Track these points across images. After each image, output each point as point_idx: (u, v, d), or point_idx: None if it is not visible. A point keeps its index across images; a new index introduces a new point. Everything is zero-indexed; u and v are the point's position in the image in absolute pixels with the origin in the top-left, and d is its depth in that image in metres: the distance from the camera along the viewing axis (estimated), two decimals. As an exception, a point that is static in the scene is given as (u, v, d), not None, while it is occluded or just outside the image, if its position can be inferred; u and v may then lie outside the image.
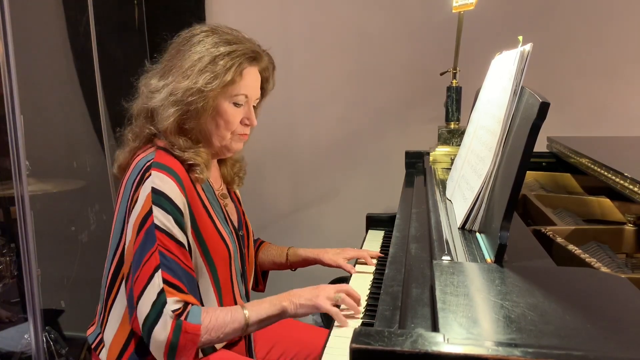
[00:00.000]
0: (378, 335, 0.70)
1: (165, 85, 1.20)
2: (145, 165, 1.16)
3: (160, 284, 1.08)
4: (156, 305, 1.07)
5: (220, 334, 1.12)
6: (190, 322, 1.07)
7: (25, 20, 2.29)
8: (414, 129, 2.60)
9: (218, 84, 1.18)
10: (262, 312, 1.16)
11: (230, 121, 1.24)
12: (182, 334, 1.07)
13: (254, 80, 1.27)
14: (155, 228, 1.10)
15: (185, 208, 1.15)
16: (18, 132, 1.74)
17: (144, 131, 1.24)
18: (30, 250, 1.81)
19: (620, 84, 2.41)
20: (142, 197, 1.13)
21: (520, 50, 1.11)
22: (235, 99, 1.23)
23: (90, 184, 2.54)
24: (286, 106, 2.73)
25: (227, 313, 1.14)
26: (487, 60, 1.49)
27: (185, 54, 1.21)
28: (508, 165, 1.03)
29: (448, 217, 1.30)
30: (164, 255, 1.10)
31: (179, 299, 1.09)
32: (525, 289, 0.83)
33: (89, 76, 2.52)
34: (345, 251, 1.54)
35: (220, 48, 1.19)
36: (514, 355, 0.64)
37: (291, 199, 2.86)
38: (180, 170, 1.17)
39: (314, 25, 2.65)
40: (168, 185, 1.13)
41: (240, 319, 1.14)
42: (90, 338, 1.30)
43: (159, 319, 1.07)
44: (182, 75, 1.18)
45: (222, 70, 1.18)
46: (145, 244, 1.10)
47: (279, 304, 1.17)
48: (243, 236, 1.39)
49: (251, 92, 1.26)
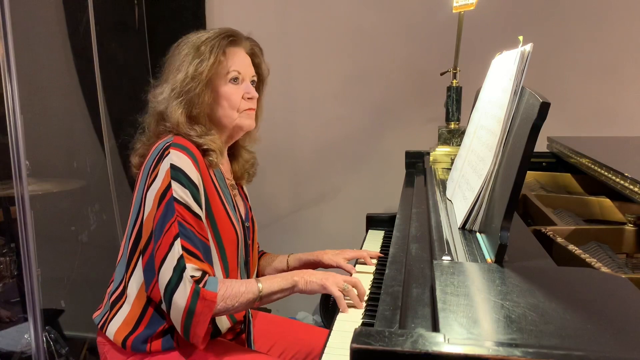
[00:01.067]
0: (378, 335, 0.70)
1: (165, 87, 1.31)
2: (164, 146, 1.24)
3: (179, 251, 1.16)
4: (177, 270, 1.15)
5: (235, 303, 1.19)
6: (207, 290, 1.15)
7: (25, 20, 2.29)
8: (414, 129, 2.60)
9: (205, 66, 1.28)
10: (274, 285, 1.23)
11: (231, 99, 1.33)
12: (199, 300, 1.13)
13: (240, 58, 1.36)
14: (174, 200, 1.18)
15: (200, 185, 1.23)
16: (18, 132, 1.74)
17: (158, 129, 1.32)
18: (30, 250, 1.81)
19: (620, 84, 2.41)
20: (161, 173, 1.21)
21: (521, 50, 1.11)
22: (229, 78, 1.32)
23: (90, 184, 2.54)
24: (286, 106, 2.73)
25: (242, 284, 1.21)
26: (487, 60, 1.49)
27: (174, 56, 1.33)
28: (508, 165, 1.03)
29: (448, 217, 1.30)
30: (182, 225, 1.18)
31: (197, 267, 1.17)
32: (526, 289, 0.83)
33: (89, 76, 2.52)
34: (345, 252, 1.55)
35: (200, 38, 1.31)
36: (514, 355, 0.64)
37: (291, 199, 2.86)
38: (196, 152, 1.26)
39: (314, 25, 2.65)
40: (185, 162, 1.21)
41: (255, 289, 1.21)
42: (96, 319, 1.35)
43: (179, 283, 1.14)
44: (176, 71, 1.30)
45: (205, 53, 1.28)
46: (165, 215, 1.18)
47: (290, 278, 1.25)
48: (249, 228, 1.43)
49: (242, 68, 1.35)
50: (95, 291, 1.35)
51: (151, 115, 1.35)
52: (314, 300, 2.70)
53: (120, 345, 1.26)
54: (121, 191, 2.56)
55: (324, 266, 1.54)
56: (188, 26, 1.49)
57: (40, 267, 1.86)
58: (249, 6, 2.70)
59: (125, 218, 2.61)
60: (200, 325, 1.15)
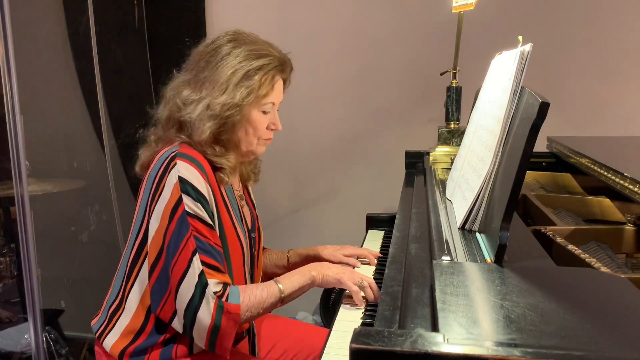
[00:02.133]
0: (378, 335, 0.70)
1: (201, 99, 1.22)
2: (170, 155, 1.19)
3: (199, 267, 1.14)
4: (199, 287, 1.13)
5: (260, 309, 1.19)
6: (231, 303, 1.14)
7: (25, 20, 2.30)
8: (414, 129, 2.60)
9: (253, 98, 1.23)
10: (294, 283, 1.24)
11: (258, 128, 1.29)
12: (224, 315, 1.13)
13: (280, 88, 1.33)
14: (187, 215, 1.15)
15: (210, 196, 1.20)
16: (18, 132, 1.74)
17: (171, 137, 1.26)
18: (30, 250, 1.81)
19: (620, 84, 2.41)
20: (169, 186, 1.16)
21: (520, 50, 1.11)
22: (263, 107, 1.28)
23: (90, 184, 2.54)
24: (286, 106, 2.71)
25: (263, 289, 1.20)
26: (487, 60, 1.49)
27: (216, 66, 1.23)
28: (508, 165, 1.03)
29: (448, 217, 1.30)
30: (199, 240, 1.15)
31: (219, 281, 1.15)
32: (525, 289, 0.83)
33: (89, 76, 2.52)
34: (345, 248, 1.55)
35: (252, 62, 1.23)
36: (514, 355, 0.64)
37: (291, 199, 2.86)
38: (204, 162, 1.21)
39: (314, 25, 2.65)
40: (193, 175, 1.17)
41: (276, 292, 1.21)
42: (94, 327, 1.32)
43: (202, 300, 1.12)
44: (218, 90, 1.21)
45: (257, 84, 1.23)
46: (180, 231, 1.15)
47: (308, 273, 1.25)
48: (255, 239, 1.41)
49: (278, 99, 1.33)
50: (95, 291, 1.35)
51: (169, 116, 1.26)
52: (314, 300, 2.70)
53: (117, 358, 1.23)
54: (121, 191, 2.56)
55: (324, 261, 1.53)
56: (188, 26, 1.48)
57: (40, 267, 1.87)
58: (249, 6, 2.70)
59: (125, 218, 2.63)
60: (226, 337, 1.15)
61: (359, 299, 1.24)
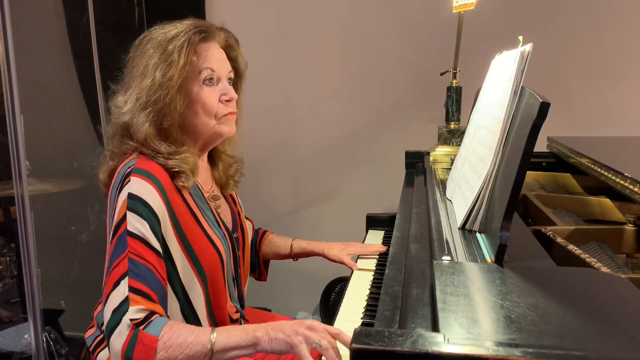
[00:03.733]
0: (378, 335, 0.70)
1: (130, 95, 1.16)
2: (126, 171, 1.12)
3: (125, 292, 1.02)
4: (117, 313, 1.02)
5: (179, 354, 0.99)
6: (147, 333, 0.99)
7: (25, 20, 2.30)
8: (414, 129, 2.60)
9: (175, 70, 1.13)
10: (231, 339, 1.01)
11: (207, 103, 1.18)
12: (137, 344, 0.99)
13: (214, 54, 1.20)
14: (128, 234, 1.06)
15: (164, 215, 1.11)
16: (18, 132, 1.74)
17: (122, 148, 1.20)
18: (30, 250, 1.81)
19: (620, 84, 2.41)
20: (119, 203, 1.10)
21: (521, 50, 1.11)
22: (201, 79, 1.17)
23: (90, 184, 2.53)
24: (286, 106, 2.73)
25: (191, 333, 1.01)
26: (487, 60, 1.49)
27: (138, 57, 1.18)
28: (508, 165, 1.03)
29: (448, 217, 1.30)
30: (134, 262, 1.04)
31: (144, 308, 1.02)
32: (526, 289, 0.83)
33: (89, 76, 2.52)
34: (350, 246, 1.51)
35: (167, 35, 1.16)
36: (514, 355, 0.64)
37: (291, 199, 2.86)
38: (161, 175, 1.13)
39: (314, 25, 2.65)
40: (146, 191, 1.09)
41: (205, 342, 1.00)
42: (88, 341, 1.29)
43: (117, 326, 1.01)
44: (141, 77, 1.14)
45: (174, 54, 1.13)
46: (115, 250, 1.06)
47: (252, 333, 1.01)
48: (238, 238, 1.35)
49: (216, 66, 1.19)
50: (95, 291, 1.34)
51: (115, 126, 1.20)
52: (314, 300, 2.70)
53: None
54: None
55: (329, 260, 1.52)
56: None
57: (40, 267, 1.86)
58: (249, 6, 2.70)
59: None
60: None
61: None
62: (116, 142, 1.21)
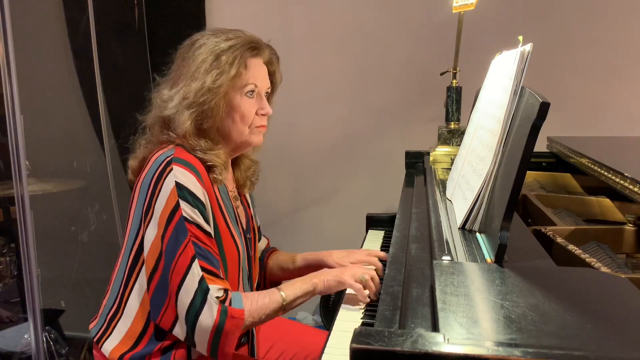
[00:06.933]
0: (378, 335, 0.70)
1: (176, 92, 1.23)
2: (165, 160, 1.18)
3: (199, 272, 1.13)
4: (199, 292, 1.12)
5: (262, 316, 1.18)
6: (235, 307, 1.13)
7: (25, 20, 2.29)
8: (414, 129, 2.60)
9: (225, 79, 1.21)
10: (296, 290, 1.23)
11: (245, 114, 1.26)
12: (228, 319, 1.12)
13: (259, 70, 1.29)
14: (185, 220, 1.14)
15: (207, 202, 1.19)
16: (18, 132, 1.74)
17: (160, 138, 1.26)
18: (30, 250, 1.81)
19: (619, 84, 2.41)
20: (165, 192, 1.15)
21: (521, 50, 1.11)
22: (245, 91, 1.26)
23: (90, 184, 2.54)
24: (286, 106, 2.72)
25: (265, 295, 1.20)
26: (487, 60, 1.49)
27: (189, 59, 1.24)
28: (508, 165, 1.03)
29: (448, 217, 1.30)
30: (197, 245, 1.14)
31: (220, 287, 1.14)
32: (526, 289, 0.83)
33: (89, 76, 2.52)
34: (352, 254, 1.48)
35: (221, 45, 1.23)
36: (514, 355, 0.64)
37: (291, 199, 2.86)
38: (199, 167, 1.20)
39: (314, 25, 2.65)
40: (190, 180, 1.16)
41: (278, 299, 1.20)
42: (92, 331, 1.31)
43: (204, 304, 1.12)
44: (191, 79, 1.21)
45: (226, 64, 1.21)
46: (177, 236, 1.14)
47: (309, 281, 1.25)
48: (250, 239, 1.40)
49: (259, 81, 1.29)
50: (95, 291, 1.35)
51: (154, 117, 1.27)
52: (314, 300, 2.69)
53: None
54: (121, 191, 2.56)
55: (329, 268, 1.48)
56: (188, 26, 1.48)
57: (40, 267, 1.87)
58: (249, 6, 2.70)
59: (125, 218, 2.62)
60: (229, 343, 1.13)
61: (363, 295, 1.25)
62: (155, 132, 1.27)
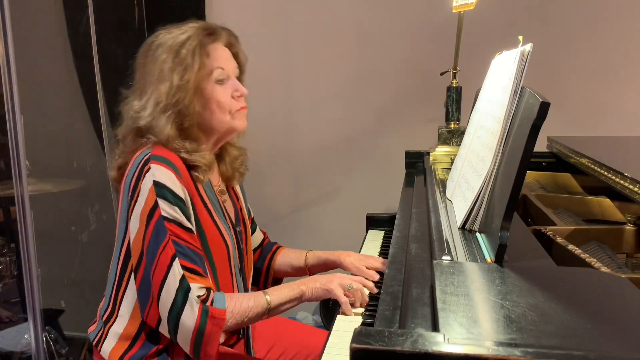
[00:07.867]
0: (378, 335, 0.70)
1: (147, 100, 1.21)
2: (144, 159, 1.16)
3: (180, 271, 1.11)
4: (180, 291, 1.11)
5: (245, 318, 1.16)
6: (216, 307, 1.11)
7: (25, 20, 2.30)
8: (414, 129, 2.60)
9: (191, 72, 1.19)
10: (282, 296, 1.21)
11: (221, 101, 1.24)
12: (209, 319, 1.10)
13: (221, 53, 1.26)
14: (164, 219, 1.12)
15: (187, 198, 1.17)
16: (18, 132, 1.74)
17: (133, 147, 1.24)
18: (30, 250, 1.81)
19: (619, 84, 2.41)
20: (144, 191, 1.14)
21: (521, 50, 1.11)
22: (214, 78, 1.23)
23: (90, 184, 2.54)
24: (286, 106, 2.73)
25: (250, 298, 1.18)
26: (487, 60, 1.49)
27: (150, 63, 1.22)
28: (508, 165, 1.03)
29: (448, 217, 1.30)
30: (178, 244, 1.13)
31: (201, 285, 1.13)
32: (526, 289, 0.83)
33: (89, 76, 2.52)
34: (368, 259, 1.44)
35: (177, 40, 1.21)
36: (514, 355, 0.64)
37: (291, 199, 2.86)
38: (178, 163, 1.18)
39: (314, 25, 2.65)
40: (168, 177, 1.14)
41: (263, 303, 1.18)
42: (91, 335, 1.30)
43: (185, 304, 1.10)
44: (158, 82, 1.19)
45: (188, 57, 1.19)
46: (157, 236, 1.12)
47: (297, 288, 1.23)
48: (240, 232, 1.39)
49: (225, 64, 1.26)
50: (95, 291, 1.34)
51: (127, 129, 1.24)
52: (314, 300, 2.70)
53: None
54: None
55: (344, 269, 1.44)
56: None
57: (40, 267, 1.86)
58: (249, 6, 2.70)
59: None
60: (211, 343, 1.12)
61: (348, 309, 1.21)
62: (129, 142, 1.25)
